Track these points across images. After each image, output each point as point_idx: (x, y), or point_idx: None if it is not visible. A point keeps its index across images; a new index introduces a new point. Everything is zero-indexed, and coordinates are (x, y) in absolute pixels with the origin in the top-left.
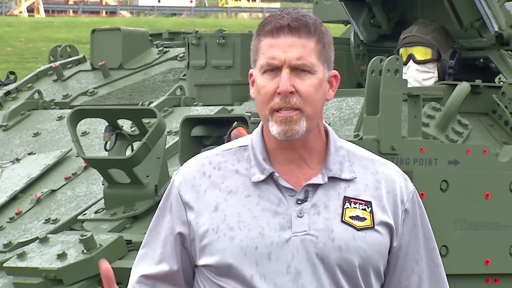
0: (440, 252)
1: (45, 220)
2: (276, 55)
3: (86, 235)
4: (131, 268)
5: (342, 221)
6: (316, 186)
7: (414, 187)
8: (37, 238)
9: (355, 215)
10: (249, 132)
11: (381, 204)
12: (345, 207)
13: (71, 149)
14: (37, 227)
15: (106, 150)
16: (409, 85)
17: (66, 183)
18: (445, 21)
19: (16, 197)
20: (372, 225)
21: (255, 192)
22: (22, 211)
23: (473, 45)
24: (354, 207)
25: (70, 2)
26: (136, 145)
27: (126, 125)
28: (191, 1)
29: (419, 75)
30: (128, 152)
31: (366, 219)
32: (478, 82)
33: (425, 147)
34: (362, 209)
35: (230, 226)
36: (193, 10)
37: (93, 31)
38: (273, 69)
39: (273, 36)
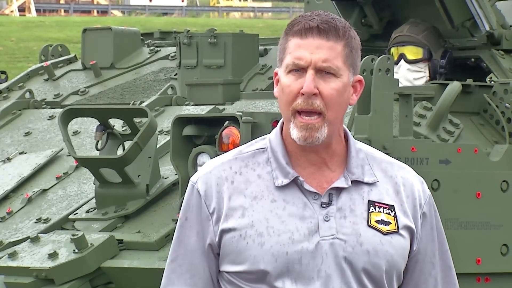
0: None
1: (36, 219)
2: (302, 55)
3: (77, 235)
4: (122, 267)
5: (369, 225)
6: (339, 190)
7: (429, 190)
8: (28, 237)
9: (380, 219)
10: (241, 132)
11: (402, 209)
12: (370, 211)
13: (63, 149)
14: (28, 227)
15: (97, 149)
16: (400, 85)
17: (57, 183)
18: (436, 21)
19: (7, 196)
20: (397, 230)
21: (280, 197)
22: (13, 210)
23: (464, 44)
24: (378, 211)
25: (62, 2)
26: (128, 144)
27: (117, 124)
28: (182, 1)
29: (410, 74)
30: (120, 152)
31: (391, 223)
32: (469, 81)
33: (416, 147)
34: (386, 213)
35: (259, 232)
36: (185, 10)
37: (84, 30)
38: (299, 69)
39: (302, 36)
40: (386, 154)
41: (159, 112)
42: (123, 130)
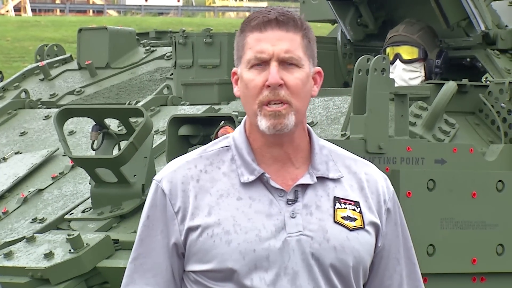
0: (427, 251)
1: (32, 219)
2: (264, 48)
3: (73, 235)
4: (117, 267)
5: (335, 222)
6: (305, 186)
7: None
8: (24, 237)
9: (346, 216)
10: None
11: (367, 205)
12: (336, 207)
13: (58, 149)
14: (24, 227)
15: (93, 149)
16: (396, 85)
17: (53, 183)
18: (432, 21)
19: (3, 196)
20: (362, 226)
21: (246, 194)
22: (9, 210)
23: (460, 44)
24: (344, 208)
25: (57, 1)
26: (123, 144)
27: (113, 124)
28: (178, 0)
29: (405, 74)
30: (115, 152)
31: (356, 219)
32: (464, 81)
33: (412, 146)
34: (352, 209)
35: (226, 230)
36: (180, 9)
37: (80, 30)
38: (261, 63)
39: (261, 30)
40: (382, 154)
41: (155, 112)
42: (118, 130)
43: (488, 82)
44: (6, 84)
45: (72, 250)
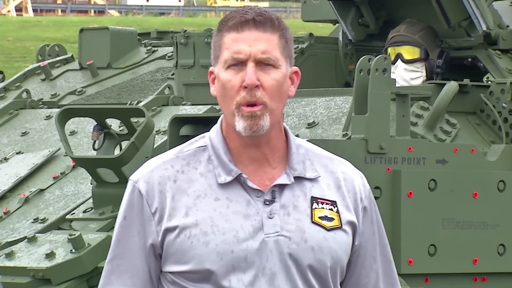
0: (428, 251)
1: (33, 219)
2: (241, 49)
3: (74, 235)
4: None
5: (312, 222)
6: (282, 187)
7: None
8: (25, 237)
9: (323, 216)
10: None
11: (345, 203)
12: (313, 207)
13: (59, 149)
14: (25, 227)
15: (94, 149)
16: (397, 85)
17: (54, 183)
18: (433, 21)
19: (4, 196)
20: (340, 225)
21: (223, 195)
22: (10, 210)
23: (461, 44)
24: (321, 207)
25: (58, 1)
26: (125, 144)
27: (114, 124)
28: (179, 1)
29: (407, 74)
30: (117, 152)
31: (334, 219)
32: (466, 81)
33: (413, 146)
34: (329, 209)
35: (204, 231)
36: (182, 10)
37: (81, 30)
38: (237, 64)
39: (238, 30)
40: (383, 154)
41: (156, 112)
42: (120, 130)
43: (489, 82)
44: (7, 84)
45: (73, 250)
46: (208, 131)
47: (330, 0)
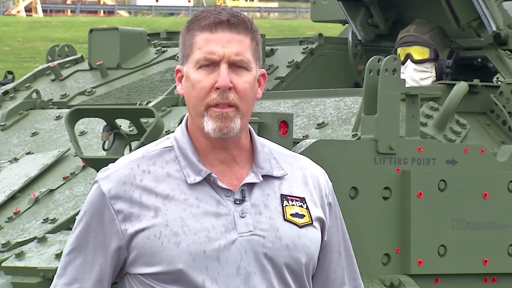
0: (438, 252)
1: (43, 219)
2: (214, 50)
3: None
4: None
5: (285, 220)
6: (251, 186)
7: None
8: (35, 237)
9: (294, 213)
10: None
11: (312, 199)
12: (284, 205)
13: (69, 149)
14: (35, 227)
15: (104, 149)
16: (406, 85)
17: (64, 183)
18: (443, 21)
19: (14, 196)
20: (311, 222)
21: (192, 195)
22: (20, 210)
23: (471, 44)
24: (292, 205)
25: (68, 2)
26: (134, 144)
27: (124, 124)
28: (189, 1)
29: (416, 74)
30: (126, 152)
31: (304, 215)
32: (476, 81)
33: (423, 147)
34: (299, 206)
35: (174, 231)
36: (191, 10)
37: (91, 30)
38: (209, 65)
39: (211, 31)
40: (393, 154)
41: (166, 112)
42: (129, 130)
43: (499, 82)
44: (17, 84)
45: None
46: None
47: (340, 0)
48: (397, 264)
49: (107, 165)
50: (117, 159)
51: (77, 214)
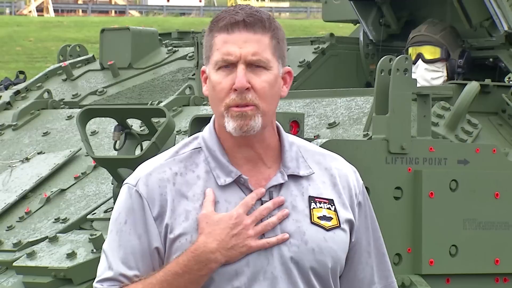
0: (449, 252)
1: (55, 219)
2: (231, 50)
3: (95, 235)
4: None
5: (312, 223)
6: (279, 186)
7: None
8: (46, 237)
9: (322, 215)
10: None
11: (341, 201)
12: (311, 207)
13: (81, 149)
14: (47, 227)
15: (115, 149)
16: (418, 85)
17: (75, 183)
18: (454, 21)
19: (26, 196)
20: (338, 224)
21: (221, 197)
22: (32, 210)
23: (483, 44)
24: (320, 207)
25: (80, 2)
26: (145, 144)
27: (135, 124)
28: (200, 1)
29: (428, 74)
30: (138, 152)
31: (332, 218)
32: (487, 81)
33: (434, 147)
34: (327, 208)
35: None
36: (202, 10)
37: (103, 30)
38: (228, 65)
39: (228, 31)
40: (405, 154)
41: (177, 112)
42: (141, 130)
43: (511, 82)
44: (29, 84)
45: (94, 250)
46: None
47: (351, 0)
48: (408, 264)
49: (119, 165)
50: (128, 159)
51: (88, 213)
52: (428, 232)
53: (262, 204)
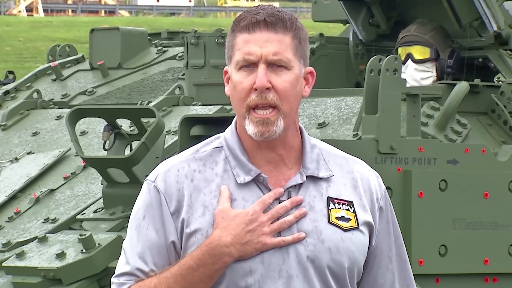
0: (439, 252)
1: (44, 219)
2: (252, 50)
3: (85, 235)
4: None
5: (329, 222)
6: (298, 187)
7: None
8: (36, 237)
9: (340, 216)
10: None
11: (361, 203)
12: (330, 208)
13: (70, 149)
14: (36, 227)
15: (105, 149)
16: (407, 85)
17: (65, 183)
18: (444, 21)
19: (15, 196)
20: (357, 226)
21: (239, 195)
22: (21, 210)
23: (472, 44)
24: (338, 208)
25: (69, 2)
26: (135, 144)
27: (125, 124)
28: (190, 1)
29: (417, 74)
30: (127, 152)
31: (350, 219)
32: (477, 81)
33: (424, 147)
34: (346, 209)
35: None
36: (192, 10)
37: (92, 30)
38: (249, 65)
39: (249, 31)
40: (394, 154)
41: (167, 112)
42: (130, 130)
43: (500, 82)
44: (18, 84)
45: (84, 250)
46: (218, 131)
47: (341, 0)
48: None
49: (109, 165)
50: (118, 159)
51: (78, 214)
52: (418, 232)
53: None
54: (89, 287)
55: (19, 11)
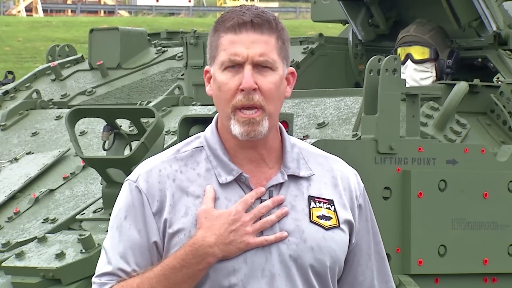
0: (438, 252)
1: (44, 219)
2: (238, 51)
3: (84, 235)
4: None
5: (311, 221)
6: (279, 186)
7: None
8: (35, 237)
9: (321, 215)
10: None
11: (341, 202)
12: (311, 206)
13: (69, 149)
14: (36, 227)
15: (104, 149)
16: (407, 85)
17: (64, 183)
18: (443, 21)
19: (14, 196)
20: (338, 224)
21: (222, 195)
22: (21, 210)
23: (471, 44)
24: (319, 206)
25: (68, 2)
26: (135, 144)
27: (124, 124)
28: (189, 1)
29: (417, 74)
30: (127, 152)
31: (331, 218)
32: (476, 81)
33: (423, 147)
34: (327, 208)
35: None
36: (191, 10)
37: (91, 30)
38: (234, 66)
39: (235, 32)
40: (393, 154)
41: (166, 112)
42: (130, 130)
43: (499, 82)
44: (17, 84)
45: (83, 250)
46: None
47: (340, 0)
48: (397, 264)
49: (108, 165)
50: (117, 159)
51: (77, 214)
52: (417, 232)
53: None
54: (89, 287)
55: (19, 11)
